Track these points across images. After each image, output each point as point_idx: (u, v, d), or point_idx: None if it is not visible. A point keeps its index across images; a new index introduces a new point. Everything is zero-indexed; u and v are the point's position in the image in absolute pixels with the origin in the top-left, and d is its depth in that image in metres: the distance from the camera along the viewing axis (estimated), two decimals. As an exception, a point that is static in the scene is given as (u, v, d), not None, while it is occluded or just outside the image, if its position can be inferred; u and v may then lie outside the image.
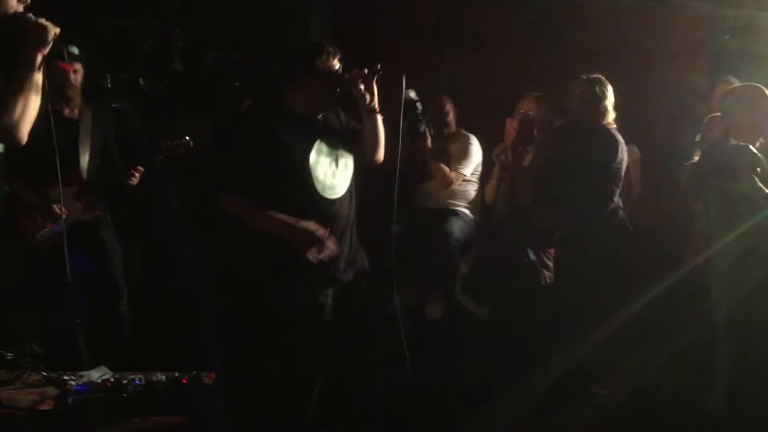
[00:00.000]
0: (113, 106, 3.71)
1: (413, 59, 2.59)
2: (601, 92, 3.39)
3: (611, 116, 3.42)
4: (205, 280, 3.76)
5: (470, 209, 4.25)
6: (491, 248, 4.04)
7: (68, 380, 2.37)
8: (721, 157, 3.04)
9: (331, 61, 2.52)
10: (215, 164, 2.67)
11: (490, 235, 4.10)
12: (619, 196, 3.48)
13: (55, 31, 2.04)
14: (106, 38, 4.37)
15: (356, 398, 2.79)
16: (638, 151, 4.14)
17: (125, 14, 4.45)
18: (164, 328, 3.60)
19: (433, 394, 3.21)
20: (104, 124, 3.50)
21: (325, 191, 2.55)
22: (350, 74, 2.53)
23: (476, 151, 4.23)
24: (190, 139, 3.41)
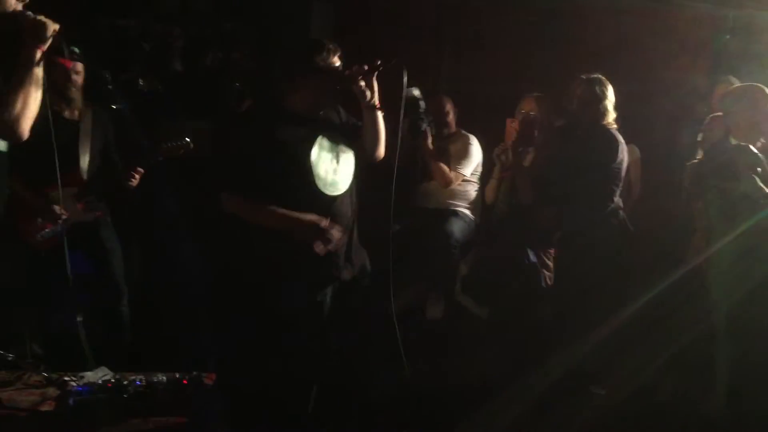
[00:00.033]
0: (113, 107, 3.71)
1: (413, 59, 2.58)
2: (601, 92, 3.39)
3: (611, 116, 3.42)
4: (204, 280, 3.77)
5: (470, 209, 4.25)
6: (491, 248, 4.04)
7: (69, 381, 2.37)
8: (721, 157, 3.03)
9: (331, 58, 2.52)
10: (216, 164, 2.66)
11: (490, 235, 4.10)
12: (619, 196, 3.48)
13: (54, 27, 2.04)
14: (105, 39, 4.36)
15: (356, 398, 2.79)
16: (638, 151, 4.15)
17: (125, 15, 4.45)
18: (165, 328, 3.61)
19: (433, 394, 3.21)
20: (104, 125, 3.50)
21: (326, 188, 2.55)
22: (350, 71, 2.53)
23: (476, 151, 4.23)
24: (190, 140, 3.41)
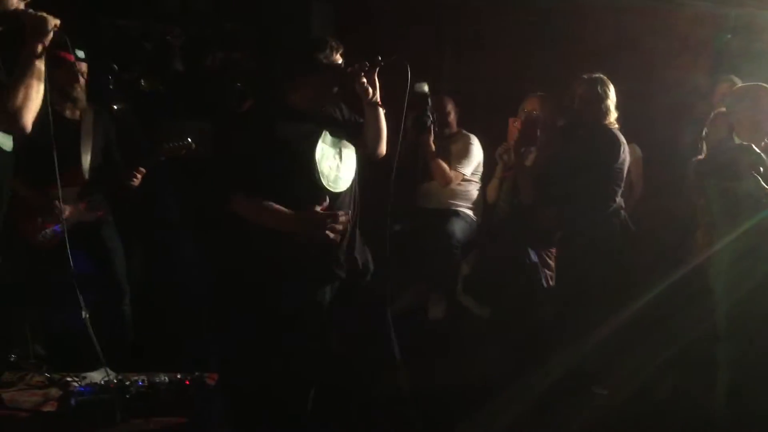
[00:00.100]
0: (115, 107, 3.71)
1: (414, 59, 2.58)
2: (603, 92, 3.38)
3: (613, 116, 3.41)
4: (206, 280, 3.77)
5: (472, 209, 4.24)
6: (493, 248, 4.04)
7: (71, 381, 2.38)
8: (723, 156, 3.03)
9: (333, 55, 2.52)
10: (221, 166, 2.66)
11: (491, 235, 4.09)
12: (620, 195, 3.48)
13: (54, 22, 2.06)
14: (106, 39, 4.36)
15: (356, 398, 2.78)
16: (640, 150, 4.14)
17: (126, 15, 4.45)
18: (167, 328, 3.60)
19: (433, 394, 3.21)
20: (105, 124, 3.50)
21: (329, 184, 2.55)
22: (352, 68, 2.53)
23: (477, 151, 4.23)
24: (192, 140, 3.41)
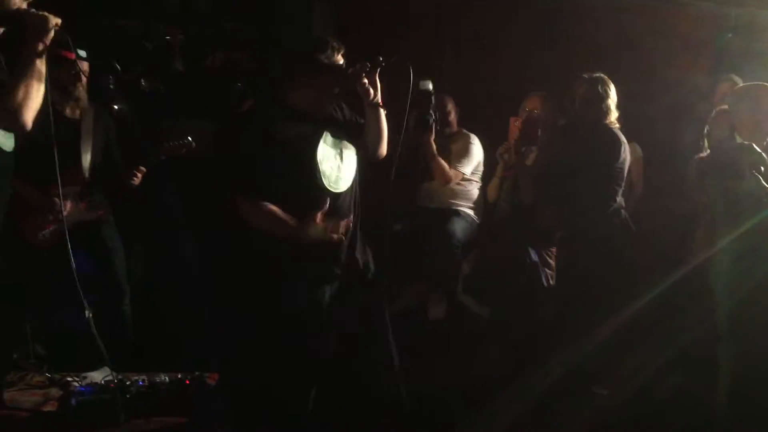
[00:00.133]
0: (115, 107, 3.71)
1: (414, 59, 2.58)
2: (603, 91, 3.38)
3: (614, 115, 3.41)
4: (206, 279, 3.77)
5: (472, 209, 4.24)
6: (493, 248, 4.03)
7: (71, 381, 2.38)
8: (725, 155, 3.03)
9: (334, 55, 2.52)
10: (225, 167, 2.65)
11: (492, 234, 4.09)
12: (621, 195, 3.48)
13: (55, 21, 2.06)
14: (107, 39, 4.36)
15: (356, 398, 2.78)
16: (640, 149, 4.14)
17: (126, 15, 4.45)
18: (167, 328, 3.60)
19: (433, 394, 3.21)
20: (105, 123, 3.50)
21: (330, 185, 2.55)
22: (353, 69, 2.53)
23: (477, 150, 4.22)
24: (192, 139, 3.41)
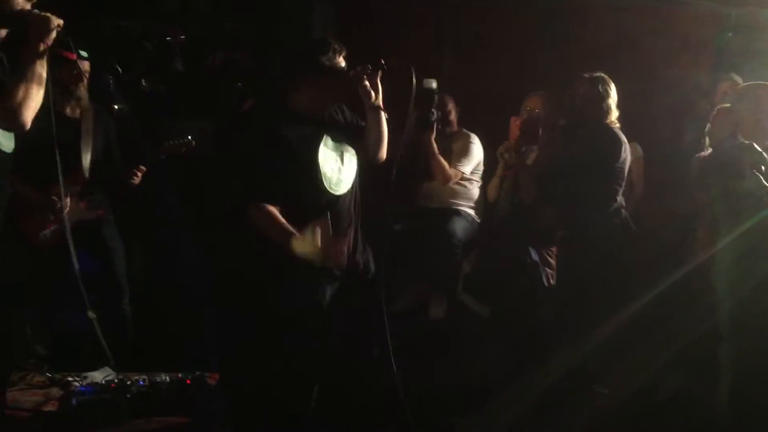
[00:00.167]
0: (116, 107, 3.71)
1: (415, 59, 2.57)
2: (604, 91, 3.37)
3: (614, 115, 3.40)
4: (206, 279, 3.77)
5: (473, 209, 4.24)
6: (494, 247, 4.03)
7: (72, 381, 2.37)
8: (725, 154, 3.03)
9: (336, 57, 2.52)
10: (227, 169, 2.64)
11: (492, 234, 4.09)
12: (621, 195, 3.47)
13: (57, 22, 2.07)
14: (107, 39, 4.36)
15: (356, 398, 2.78)
16: (641, 149, 4.14)
17: (126, 15, 4.45)
18: (167, 328, 3.60)
19: (433, 393, 3.21)
20: (105, 123, 3.50)
21: (331, 187, 2.55)
22: (355, 71, 2.53)
23: (477, 149, 4.22)
24: (192, 138, 3.41)
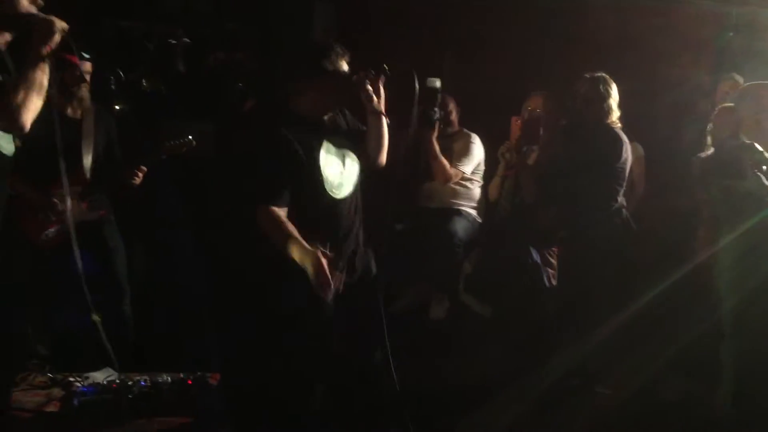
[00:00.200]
0: (117, 107, 3.71)
1: (416, 59, 2.58)
2: (605, 91, 3.37)
3: (615, 115, 3.40)
4: (207, 280, 3.77)
5: (474, 209, 4.24)
6: (495, 247, 4.03)
7: (74, 382, 2.38)
8: (727, 154, 3.03)
9: (339, 62, 2.51)
10: (228, 169, 2.64)
11: (493, 234, 4.09)
12: (622, 195, 3.47)
13: (62, 26, 2.07)
14: (109, 40, 4.36)
15: (356, 398, 2.78)
16: (642, 149, 4.14)
17: (128, 16, 4.45)
18: (168, 328, 3.60)
19: (434, 393, 3.21)
20: (106, 123, 3.50)
21: (333, 191, 2.54)
22: (358, 76, 2.53)
23: (477, 149, 4.22)
24: (192, 138, 3.41)
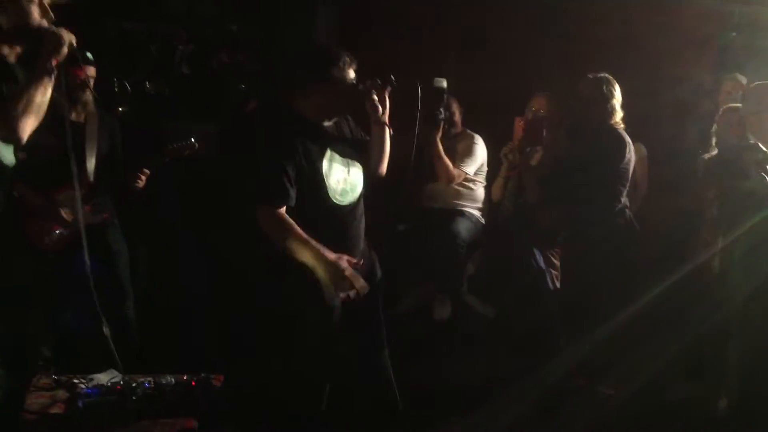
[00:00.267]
0: (120, 109, 3.72)
1: (418, 59, 2.58)
2: (608, 91, 3.36)
3: (618, 115, 3.39)
4: (209, 281, 3.77)
5: (477, 210, 4.24)
6: (497, 248, 4.03)
7: (78, 383, 2.38)
8: (731, 154, 3.03)
9: (347, 69, 2.51)
10: (231, 172, 2.64)
11: (496, 234, 4.09)
12: (626, 195, 3.47)
13: (70, 38, 2.07)
14: (112, 42, 4.37)
15: (357, 398, 2.78)
16: (645, 149, 4.13)
17: (131, 18, 4.46)
18: (172, 329, 3.61)
19: (436, 393, 3.21)
20: (110, 126, 3.51)
21: (336, 197, 2.54)
22: (364, 85, 2.53)
23: (480, 150, 4.23)
24: (195, 141, 3.42)
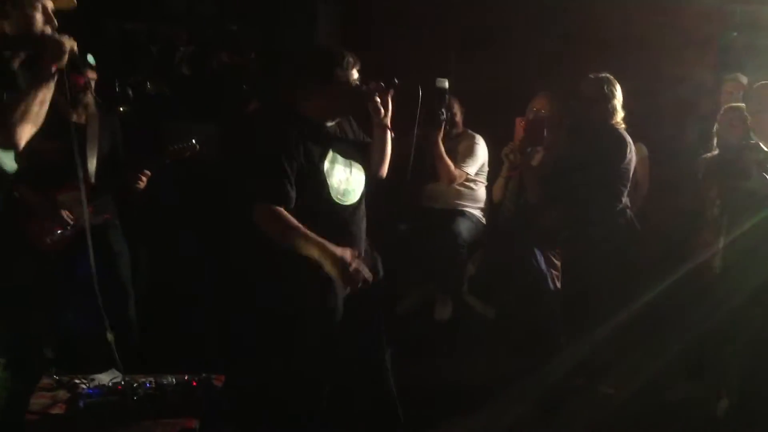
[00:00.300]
0: (121, 110, 3.72)
1: (419, 60, 2.58)
2: (609, 91, 3.36)
3: (620, 116, 3.39)
4: (210, 281, 3.78)
5: (478, 210, 4.24)
6: (498, 248, 4.03)
7: (79, 384, 2.38)
8: (732, 154, 3.03)
9: (351, 71, 2.51)
10: (232, 171, 2.64)
11: (497, 234, 4.09)
12: (627, 195, 3.47)
13: (71, 45, 2.08)
14: (113, 42, 4.38)
15: (357, 398, 2.78)
16: (646, 149, 4.13)
17: (132, 18, 4.47)
18: (173, 329, 3.61)
19: (437, 393, 3.21)
20: (111, 128, 3.51)
21: (338, 197, 2.54)
22: (368, 87, 2.53)
23: (481, 150, 4.22)
24: (196, 142, 3.42)
